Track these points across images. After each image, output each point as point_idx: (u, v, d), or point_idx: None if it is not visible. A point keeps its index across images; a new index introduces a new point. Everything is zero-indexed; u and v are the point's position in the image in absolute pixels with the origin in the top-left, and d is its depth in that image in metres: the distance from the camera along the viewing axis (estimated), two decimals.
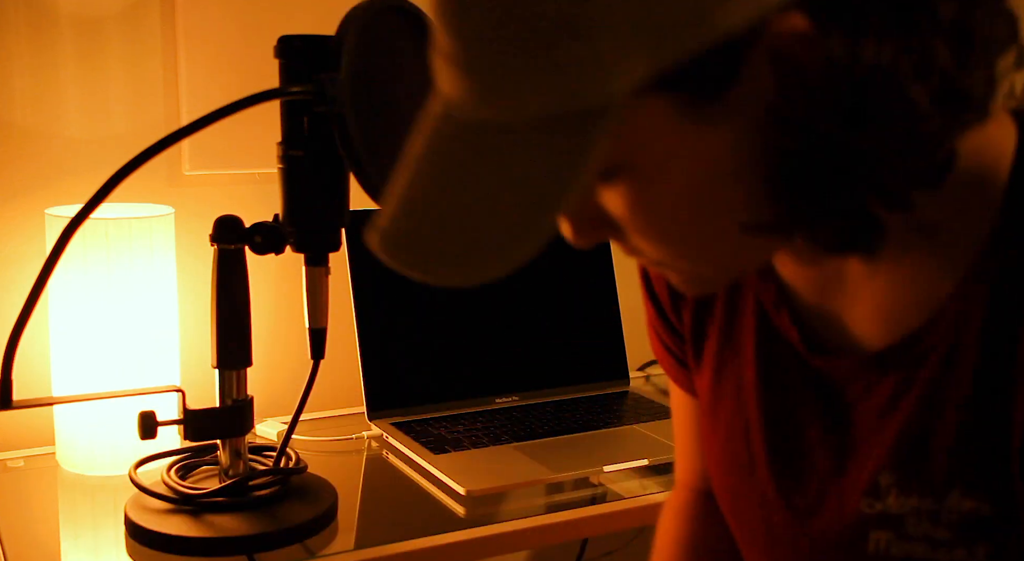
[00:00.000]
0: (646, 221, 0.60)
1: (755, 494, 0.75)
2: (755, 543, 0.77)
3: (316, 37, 1.00)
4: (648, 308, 0.88)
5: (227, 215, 1.07)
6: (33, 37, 1.34)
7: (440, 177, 0.56)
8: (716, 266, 0.65)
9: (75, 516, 1.19)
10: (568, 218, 0.63)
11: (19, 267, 1.36)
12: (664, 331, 0.86)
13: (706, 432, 0.80)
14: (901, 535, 0.66)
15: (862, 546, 0.67)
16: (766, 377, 0.73)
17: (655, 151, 0.57)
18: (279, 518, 1.07)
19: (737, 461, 0.76)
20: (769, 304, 0.73)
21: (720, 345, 0.78)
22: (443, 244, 0.56)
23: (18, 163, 1.35)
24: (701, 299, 0.79)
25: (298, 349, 1.49)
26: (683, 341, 0.83)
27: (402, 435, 1.34)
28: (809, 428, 0.71)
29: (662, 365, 0.90)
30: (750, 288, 0.75)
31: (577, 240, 0.63)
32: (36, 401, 1.05)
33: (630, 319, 1.67)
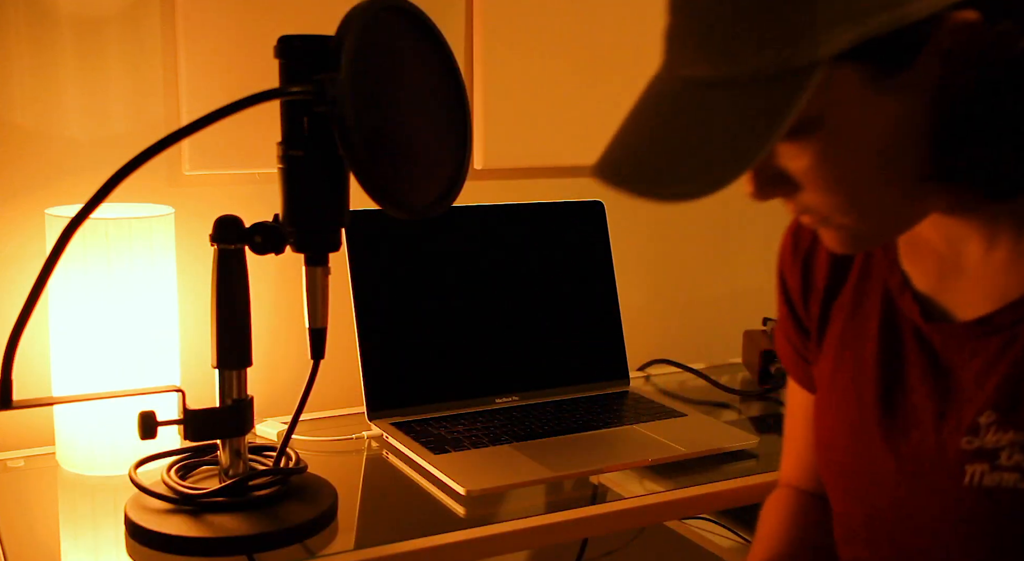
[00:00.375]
0: (827, 174, 0.72)
1: (863, 450, 0.86)
2: (859, 499, 0.87)
3: (316, 37, 1.00)
4: (781, 309, 1.00)
5: (227, 215, 1.07)
6: (33, 37, 1.34)
7: (668, 120, 0.69)
8: (879, 221, 0.75)
9: (75, 516, 1.19)
10: (754, 173, 0.74)
11: (19, 267, 1.36)
12: (793, 329, 0.98)
13: (822, 406, 0.92)
14: (995, 467, 0.76)
15: (959, 480, 0.78)
16: (884, 349, 0.86)
17: (844, 111, 0.69)
18: (279, 518, 1.07)
19: (850, 422, 0.88)
20: (895, 287, 0.86)
21: (844, 327, 0.90)
22: (666, 168, 0.68)
23: (18, 163, 1.35)
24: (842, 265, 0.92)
25: (298, 349, 1.50)
26: (807, 337, 0.97)
27: (402, 435, 1.34)
28: (917, 389, 0.83)
29: (786, 365, 1.02)
30: (878, 278, 0.88)
31: (757, 193, 0.75)
32: (36, 401, 1.05)
33: (630, 319, 1.67)
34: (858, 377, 0.88)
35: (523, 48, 1.62)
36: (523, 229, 1.54)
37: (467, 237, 1.50)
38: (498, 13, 1.59)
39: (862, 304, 0.89)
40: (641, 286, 1.80)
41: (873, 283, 0.89)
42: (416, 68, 1.05)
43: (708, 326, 1.88)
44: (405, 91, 1.03)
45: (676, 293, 1.85)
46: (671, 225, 1.83)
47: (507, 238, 1.53)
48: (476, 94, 1.60)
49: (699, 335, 1.87)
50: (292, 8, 1.45)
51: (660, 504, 1.20)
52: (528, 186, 1.68)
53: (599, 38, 1.67)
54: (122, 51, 1.39)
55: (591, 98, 1.68)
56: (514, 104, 1.62)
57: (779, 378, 1.58)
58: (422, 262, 1.46)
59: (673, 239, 1.83)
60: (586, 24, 1.66)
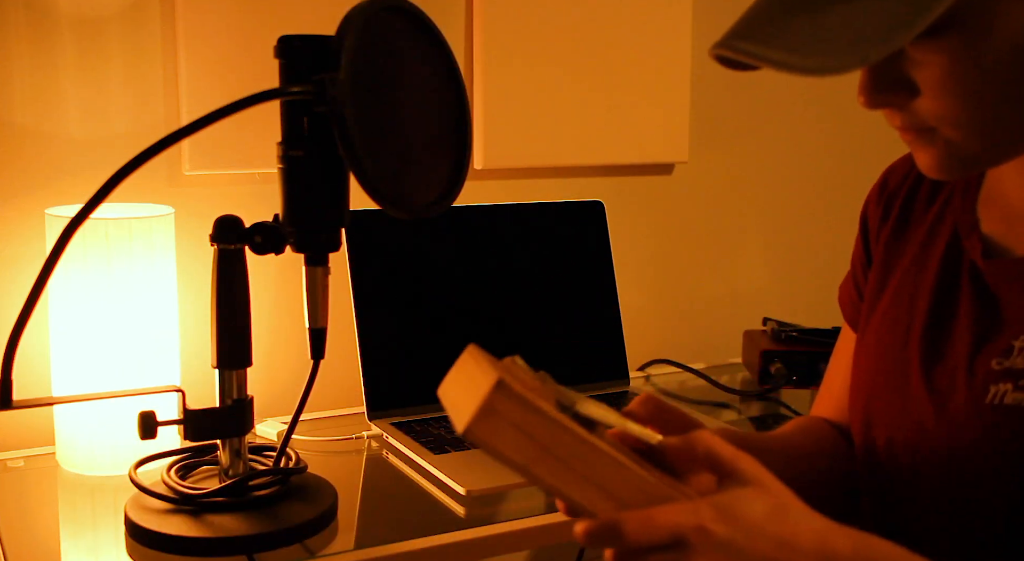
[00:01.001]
0: (956, 78, 0.72)
1: (899, 380, 0.88)
2: (884, 424, 0.89)
3: (316, 37, 1.00)
4: (856, 248, 1.03)
5: (227, 215, 1.07)
6: (33, 37, 1.34)
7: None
8: (989, 140, 0.75)
9: (75, 516, 1.19)
10: (873, 72, 0.75)
11: (19, 267, 1.36)
12: (861, 268, 1.01)
13: (865, 346, 0.94)
14: (1018, 386, 0.78)
15: (981, 398, 0.80)
16: (941, 286, 0.88)
17: (984, 12, 0.70)
18: (279, 518, 1.07)
19: (892, 356, 0.90)
20: (964, 227, 0.88)
21: (909, 264, 0.92)
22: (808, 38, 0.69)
23: (18, 163, 1.35)
24: (941, 182, 0.93)
25: (298, 349, 1.50)
26: (870, 269, 0.99)
27: (402, 435, 1.34)
28: (962, 320, 0.85)
29: (843, 305, 1.04)
30: (950, 220, 0.90)
31: (871, 95, 0.76)
32: (36, 401, 1.05)
33: (630, 319, 1.67)
34: (911, 310, 0.90)
35: (523, 48, 1.62)
36: (523, 229, 1.54)
37: (467, 237, 1.50)
38: (498, 13, 1.59)
39: (932, 243, 0.91)
40: (641, 286, 1.80)
41: (945, 225, 0.90)
42: (416, 68, 1.05)
43: (708, 326, 1.88)
44: (405, 91, 1.03)
45: (676, 293, 1.85)
46: (671, 225, 1.83)
47: (507, 238, 1.53)
48: (476, 94, 1.60)
49: (699, 335, 1.87)
50: (292, 8, 1.45)
51: None
52: (528, 186, 1.68)
53: (599, 38, 1.67)
54: (122, 51, 1.39)
55: (591, 98, 1.68)
56: (514, 104, 1.62)
57: (779, 378, 1.58)
58: (422, 262, 1.46)
59: (673, 239, 1.83)
60: (586, 24, 1.66)
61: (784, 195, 1.94)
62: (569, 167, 1.70)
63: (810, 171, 1.96)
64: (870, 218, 1.00)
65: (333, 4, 1.00)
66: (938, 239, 0.91)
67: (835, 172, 1.98)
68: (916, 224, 0.94)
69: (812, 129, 1.95)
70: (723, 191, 1.88)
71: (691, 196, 1.84)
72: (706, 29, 1.77)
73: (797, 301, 1.94)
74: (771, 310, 1.86)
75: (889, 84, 0.75)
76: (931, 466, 0.84)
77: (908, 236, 0.95)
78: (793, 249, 1.95)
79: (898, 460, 0.87)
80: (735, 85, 1.86)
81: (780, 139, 1.92)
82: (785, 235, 1.95)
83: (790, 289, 1.95)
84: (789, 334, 1.63)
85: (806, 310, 1.89)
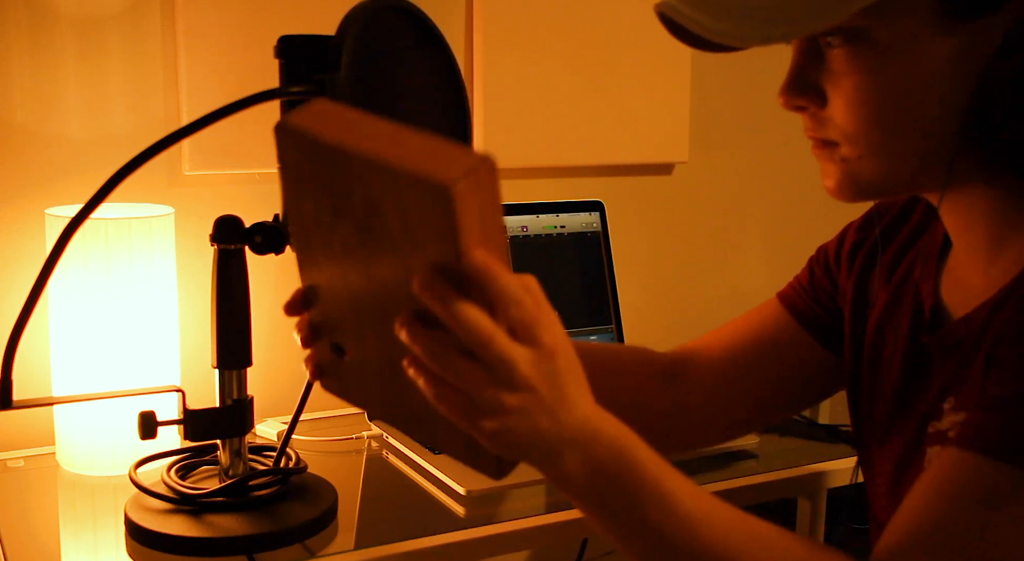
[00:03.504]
0: (863, 93, 0.73)
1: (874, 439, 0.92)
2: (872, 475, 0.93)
3: (316, 37, 1.00)
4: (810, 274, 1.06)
5: (227, 215, 1.07)
6: (33, 37, 1.34)
7: None
8: (885, 164, 0.76)
9: (75, 516, 1.19)
10: (792, 73, 0.77)
11: (19, 267, 1.36)
12: (809, 292, 1.04)
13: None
14: (946, 443, 0.78)
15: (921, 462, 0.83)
16: (907, 363, 0.88)
17: (905, 36, 0.71)
18: (279, 518, 1.07)
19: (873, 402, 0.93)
20: (924, 296, 0.87)
21: (879, 321, 0.93)
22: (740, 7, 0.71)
23: (18, 163, 1.35)
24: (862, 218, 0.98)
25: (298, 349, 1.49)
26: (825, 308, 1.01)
27: (402, 435, 1.34)
28: (928, 388, 0.86)
29: (788, 301, 1.06)
30: (911, 288, 0.90)
31: (788, 91, 0.78)
32: (36, 401, 1.05)
33: (630, 319, 1.67)
34: (881, 379, 0.92)
35: (523, 48, 1.62)
36: (523, 229, 1.54)
37: None
38: (498, 13, 1.59)
39: (897, 309, 0.92)
40: (641, 286, 1.80)
41: (907, 295, 0.91)
42: (416, 68, 1.05)
43: (708, 326, 1.88)
44: (405, 91, 1.03)
45: (676, 293, 1.85)
46: (671, 225, 1.83)
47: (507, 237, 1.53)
48: (476, 94, 1.60)
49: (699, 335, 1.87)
50: (292, 8, 1.44)
51: None
52: (528, 186, 1.68)
53: (599, 38, 1.67)
54: (122, 51, 1.39)
55: (591, 98, 1.68)
56: (514, 104, 1.62)
57: None
58: None
59: (673, 239, 1.83)
60: (586, 24, 1.66)
61: (784, 195, 1.94)
62: (569, 167, 1.70)
63: (810, 171, 1.95)
64: (831, 265, 1.03)
65: (333, 4, 1.00)
66: (903, 306, 0.91)
67: None
68: (880, 286, 0.95)
69: None
70: (723, 191, 1.88)
71: (691, 196, 1.84)
72: None
73: None
74: None
75: (804, 87, 0.77)
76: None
77: (873, 294, 0.96)
78: (793, 249, 1.95)
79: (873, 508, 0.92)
80: (735, 85, 1.86)
81: (780, 139, 1.92)
82: (785, 235, 1.95)
83: None
84: None
85: None
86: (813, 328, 1.02)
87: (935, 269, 0.89)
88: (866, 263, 0.97)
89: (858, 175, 0.78)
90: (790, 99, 0.79)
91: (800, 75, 0.78)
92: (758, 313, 1.09)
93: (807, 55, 0.78)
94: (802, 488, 1.38)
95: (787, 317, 1.05)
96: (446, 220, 0.62)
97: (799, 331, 1.03)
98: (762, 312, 1.08)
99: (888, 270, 0.95)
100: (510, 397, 0.65)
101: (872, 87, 0.73)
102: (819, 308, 1.03)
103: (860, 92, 0.74)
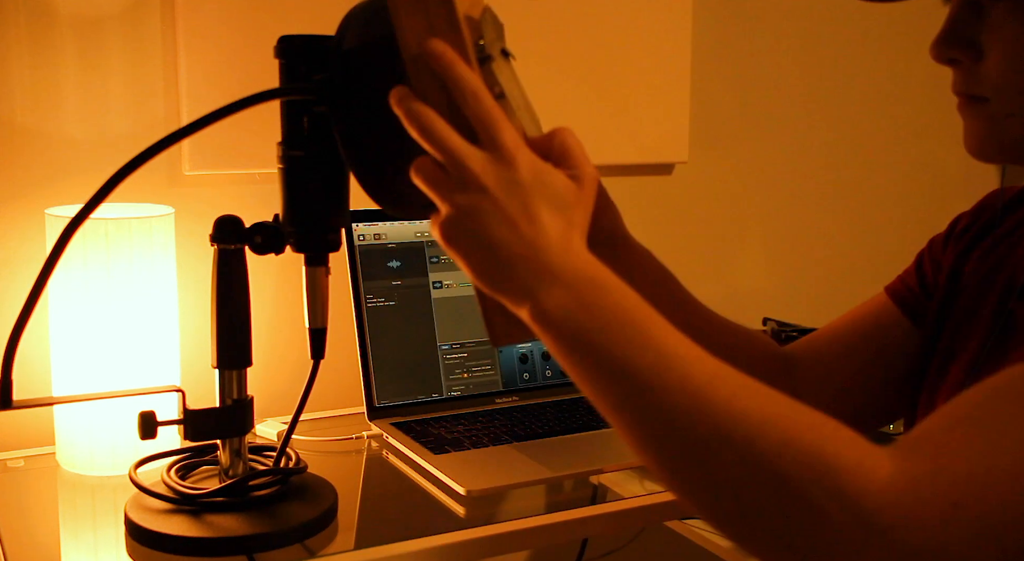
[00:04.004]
0: (1019, 45, 0.73)
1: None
2: None
3: (316, 37, 1.00)
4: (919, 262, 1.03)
5: (227, 215, 1.07)
6: (33, 37, 1.34)
7: None
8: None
9: (75, 516, 1.19)
10: (950, 25, 0.76)
11: (19, 267, 1.36)
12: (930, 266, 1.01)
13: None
14: None
15: None
16: (994, 325, 0.87)
17: None
18: (279, 518, 1.07)
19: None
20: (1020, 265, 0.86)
21: (972, 288, 0.93)
22: None
23: (18, 163, 1.35)
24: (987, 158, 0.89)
25: (298, 349, 1.49)
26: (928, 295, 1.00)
27: (402, 435, 1.34)
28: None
29: (895, 291, 1.03)
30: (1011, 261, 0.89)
31: (940, 44, 0.77)
32: (36, 401, 1.05)
33: None
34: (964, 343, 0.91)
35: (523, 48, 1.62)
36: None
37: None
38: (498, 13, 1.59)
39: (992, 278, 0.91)
40: None
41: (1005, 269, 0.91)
42: None
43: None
44: None
45: None
46: (671, 225, 1.83)
47: None
48: None
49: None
50: (292, 8, 1.44)
51: (660, 504, 1.20)
52: None
53: (599, 38, 1.67)
54: (122, 51, 1.39)
55: (591, 98, 1.68)
56: None
57: None
58: (422, 261, 1.46)
59: (673, 239, 1.83)
60: (586, 24, 1.66)
61: (784, 195, 1.94)
62: None
63: (810, 171, 1.96)
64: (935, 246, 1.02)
65: (333, 4, 1.00)
66: (999, 276, 0.90)
67: (835, 172, 1.98)
68: (979, 259, 0.94)
69: (812, 129, 1.95)
70: (723, 191, 1.88)
71: (691, 196, 1.84)
72: (706, 29, 1.77)
73: (797, 301, 1.94)
74: (771, 310, 1.86)
75: (960, 40, 0.76)
76: None
77: (971, 260, 0.95)
78: (793, 249, 1.95)
79: None
80: (735, 85, 1.86)
81: (780, 139, 1.92)
82: (785, 235, 1.95)
83: (790, 289, 1.95)
84: (789, 334, 1.63)
85: (806, 310, 1.89)
86: (916, 316, 1.01)
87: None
88: (973, 241, 0.96)
89: (1004, 133, 0.78)
90: (944, 50, 0.78)
91: (957, 27, 0.77)
92: (864, 306, 1.06)
93: (966, 8, 0.77)
94: None
95: (891, 306, 1.03)
96: (395, 19, 0.71)
97: (902, 319, 1.01)
98: (868, 304, 1.06)
99: (992, 246, 0.94)
100: (460, 196, 0.68)
101: None
102: (923, 295, 1.01)
103: (1021, 47, 0.73)
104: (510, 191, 0.68)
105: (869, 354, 1.03)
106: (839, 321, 1.07)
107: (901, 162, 2.04)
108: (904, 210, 2.04)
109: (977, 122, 0.79)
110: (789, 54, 1.90)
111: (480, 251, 0.69)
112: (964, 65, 0.78)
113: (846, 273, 1.97)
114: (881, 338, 1.03)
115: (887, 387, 1.03)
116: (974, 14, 0.77)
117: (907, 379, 1.02)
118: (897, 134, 2.04)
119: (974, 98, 0.79)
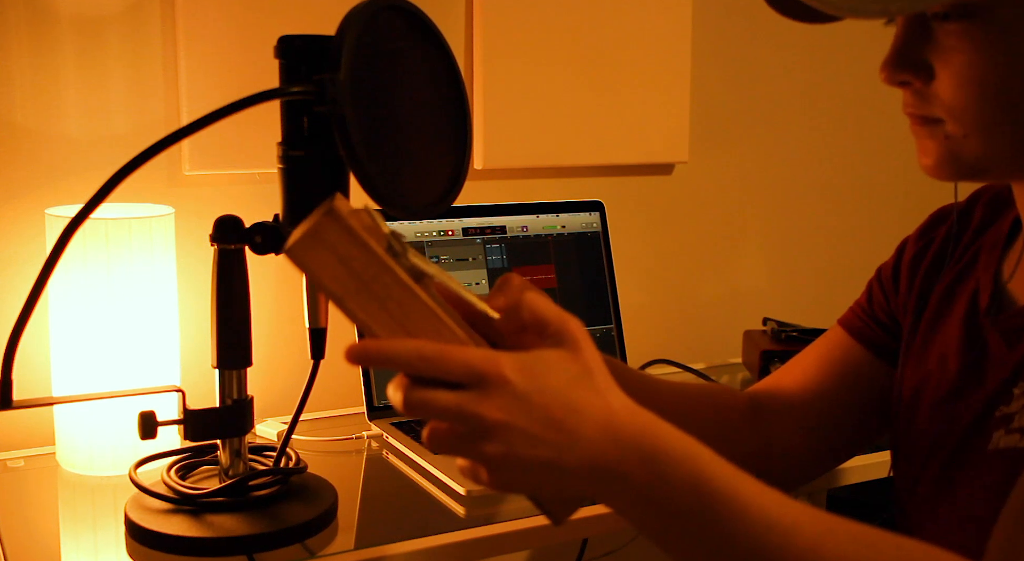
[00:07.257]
0: (972, 69, 0.72)
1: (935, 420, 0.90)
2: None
3: (316, 37, 1.00)
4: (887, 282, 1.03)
5: (227, 215, 1.07)
6: (33, 37, 1.34)
7: None
8: (987, 143, 0.75)
9: (75, 516, 1.19)
10: (898, 47, 0.76)
11: (19, 267, 1.36)
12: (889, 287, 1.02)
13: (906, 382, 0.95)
14: (1009, 429, 0.79)
15: (985, 445, 0.81)
16: (966, 344, 0.88)
17: (1017, 11, 0.70)
18: (279, 518, 1.07)
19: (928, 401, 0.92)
20: (983, 284, 0.88)
21: (935, 311, 0.93)
22: None
23: (18, 163, 1.35)
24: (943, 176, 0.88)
25: (298, 349, 1.49)
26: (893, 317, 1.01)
27: (402, 435, 1.34)
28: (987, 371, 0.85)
29: (851, 327, 1.04)
30: (972, 276, 0.90)
31: (889, 70, 0.77)
32: (36, 401, 1.05)
33: (630, 319, 1.67)
34: (942, 364, 0.91)
35: (523, 49, 1.62)
36: (523, 229, 1.54)
37: (467, 236, 1.50)
38: (498, 13, 1.59)
39: (954, 294, 0.92)
40: (641, 286, 1.80)
41: (968, 282, 0.91)
42: (416, 68, 1.05)
43: (708, 326, 1.88)
44: (405, 91, 1.03)
45: (676, 293, 1.85)
46: (671, 225, 1.83)
47: (507, 238, 1.52)
48: (476, 94, 1.60)
49: (699, 335, 1.87)
50: (292, 8, 1.45)
51: None
52: (528, 186, 1.68)
53: (599, 38, 1.67)
54: (122, 51, 1.39)
55: (591, 98, 1.68)
56: (514, 104, 1.62)
57: None
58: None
59: (673, 239, 1.83)
60: (586, 24, 1.66)
61: (784, 195, 1.94)
62: (569, 167, 1.70)
63: (810, 171, 1.96)
64: (905, 256, 1.02)
65: (333, 4, 1.00)
66: (962, 293, 0.90)
67: (835, 172, 1.98)
68: (945, 272, 0.94)
69: (812, 129, 1.95)
70: (723, 191, 1.88)
71: (691, 196, 1.84)
72: (706, 29, 1.77)
73: (797, 301, 1.94)
74: (771, 310, 1.86)
75: (910, 62, 0.76)
76: (957, 512, 0.85)
77: (939, 283, 0.95)
78: (793, 249, 1.95)
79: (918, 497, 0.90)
80: (735, 85, 1.86)
81: (780, 139, 1.92)
82: (785, 235, 1.95)
83: (790, 289, 1.95)
84: (789, 334, 1.63)
85: (806, 310, 1.90)
86: (876, 348, 1.01)
87: (998, 258, 0.88)
88: (930, 269, 0.96)
89: (961, 153, 0.77)
90: (893, 73, 0.77)
91: (905, 49, 0.77)
92: (822, 342, 1.07)
93: (913, 29, 0.77)
94: (802, 488, 1.38)
95: (850, 341, 1.04)
96: (302, 268, 0.67)
97: (864, 353, 1.02)
98: (826, 340, 1.06)
99: (952, 267, 0.94)
100: (488, 445, 0.64)
101: (987, 64, 0.72)
102: (879, 327, 1.02)
103: (973, 69, 0.73)
104: (524, 410, 0.64)
105: (837, 392, 1.03)
106: (802, 361, 1.07)
107: (901, 162, 2.04)
108: (904, 210, 2.04)
109: (931, 142, 0.79)
110: (789, 54, 1.90)
111: (537, 478, 0.65)
112: (915, 86, 0.78)
113: (846, 273, 1.97)
114: (848, 375, 1.03)
115: (856, 421, 1.04)
116: (922, 35, 0.76)
117: (877, 411, 1.03)
118: (897, 134, 2.04)
119: (927, 119, 0.78)
